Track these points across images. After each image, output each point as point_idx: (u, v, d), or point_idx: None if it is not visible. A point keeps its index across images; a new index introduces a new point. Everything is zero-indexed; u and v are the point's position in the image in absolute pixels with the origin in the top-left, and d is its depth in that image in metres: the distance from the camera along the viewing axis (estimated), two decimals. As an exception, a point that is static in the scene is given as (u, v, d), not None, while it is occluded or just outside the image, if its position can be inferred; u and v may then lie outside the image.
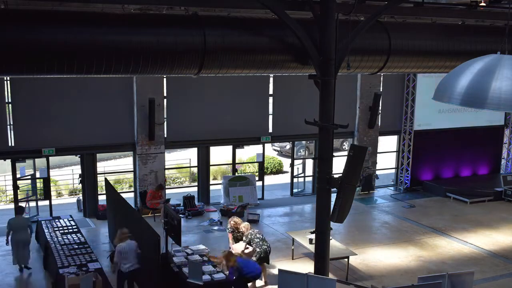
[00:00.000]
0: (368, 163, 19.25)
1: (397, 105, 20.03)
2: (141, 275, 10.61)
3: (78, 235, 13.08)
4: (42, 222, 13.90)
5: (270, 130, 18.19)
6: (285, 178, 21.99)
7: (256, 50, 10.34)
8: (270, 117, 18.12)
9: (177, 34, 9.76)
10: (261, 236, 11.68)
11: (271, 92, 18.06)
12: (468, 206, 18.25)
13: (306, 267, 12.27)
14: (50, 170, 16.25)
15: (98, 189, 16.73)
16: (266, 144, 18.84)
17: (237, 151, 18.79)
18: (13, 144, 15.11)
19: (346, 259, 12.13)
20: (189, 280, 9.91)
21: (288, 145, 24.51)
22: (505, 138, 22.03)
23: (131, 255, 10.17)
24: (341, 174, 9.77)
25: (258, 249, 11.37)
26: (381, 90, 19.34)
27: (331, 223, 10.19)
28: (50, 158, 15.92)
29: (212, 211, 17.01)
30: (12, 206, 16.43)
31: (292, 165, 19.14)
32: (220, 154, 22.03)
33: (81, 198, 16.90)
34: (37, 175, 16.32)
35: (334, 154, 10.24)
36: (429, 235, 15.23)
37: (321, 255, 10.28)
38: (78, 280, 9.74)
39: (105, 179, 14.69)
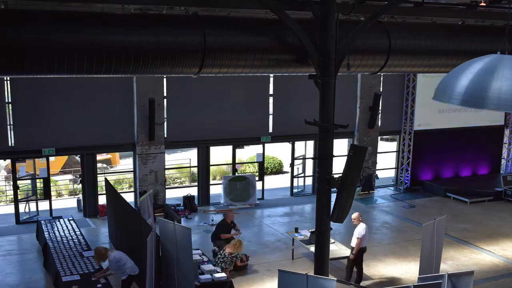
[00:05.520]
0: (368, 163, 19.25)
1: (397, 105, 20.03)
2: (141, 276, 10.60)
3: (77, 233, 13.11)
4: (42, 222, 13.91)
5: (270, 130, 18.20)
6: (285, 179, 21.97)
7: (256, 50, 10.32)
8: (270, 117, 18.13)
9: (177, 34, 9.75)
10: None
11: (271, 92, 18.07)
12: (468, 206, 18.24)
13: (306, 267, 12.28)
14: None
15: (98, 189, 16.74)
16: (265, 144, 18.84)
17: (237, 151, 18.78)
18: (13, 144, 15.12)
19: (346, 259, 12.13)
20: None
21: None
22: (505, 138, 22.03)
23: (126, 261, 10.13)
24: (341, 174, 9.77)
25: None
26: (381, 90, 19.35)
27: (331, 223, 10.20)
28: (50, 158, 15.92)
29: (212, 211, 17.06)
30: (12, 207, 16.41)
31: (292, 165, 19.13)
32: (220, 154, 22.03)
33: (81, 198, 16.90)
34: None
35: (334, 154, 10.23)
36: (429, 235, 15.20)
37: (321, 255, 10.28)
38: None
39: (105, 179, 14.69)
